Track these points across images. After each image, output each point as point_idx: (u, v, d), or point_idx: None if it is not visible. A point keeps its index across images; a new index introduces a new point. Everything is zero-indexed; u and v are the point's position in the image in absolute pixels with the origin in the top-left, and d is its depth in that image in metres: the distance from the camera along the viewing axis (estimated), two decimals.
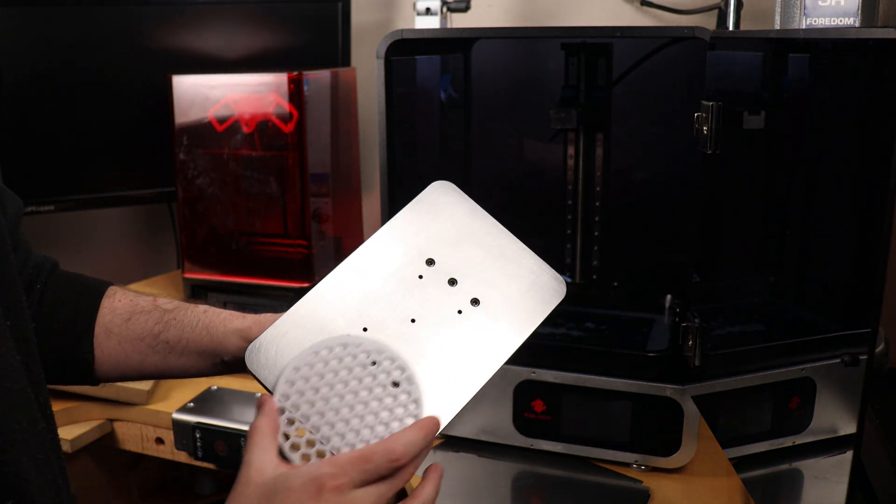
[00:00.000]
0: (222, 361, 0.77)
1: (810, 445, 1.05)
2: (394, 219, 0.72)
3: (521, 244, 0.72)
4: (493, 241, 0.71)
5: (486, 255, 0.71)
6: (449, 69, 1.22)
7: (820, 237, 1.14)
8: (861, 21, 0.99)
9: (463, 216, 0.72)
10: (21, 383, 0.58)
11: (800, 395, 1.03)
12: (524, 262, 0.71)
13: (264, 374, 0.65)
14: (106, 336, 0.78)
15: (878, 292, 0.95)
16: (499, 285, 0.69)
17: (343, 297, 0.68)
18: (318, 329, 0.66)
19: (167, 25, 1.46)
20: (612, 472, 1.03)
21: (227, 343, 0.75)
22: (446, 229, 0.71)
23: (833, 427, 1.05)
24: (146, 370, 0.79)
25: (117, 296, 0.80)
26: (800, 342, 1.04)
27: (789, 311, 1.17)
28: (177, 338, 0.77)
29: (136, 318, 0.78)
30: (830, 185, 1.12)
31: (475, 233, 0.72)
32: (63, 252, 1.74)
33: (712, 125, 0.91)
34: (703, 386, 0.99)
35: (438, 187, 0.74)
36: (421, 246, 0.70)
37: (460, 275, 0.69)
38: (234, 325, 0.76)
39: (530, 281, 0.70)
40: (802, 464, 1.04)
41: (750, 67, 1.13)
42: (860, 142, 1.05)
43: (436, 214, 0.72)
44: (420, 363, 0.65)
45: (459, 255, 0.70)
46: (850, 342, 1.02)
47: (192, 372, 0.79)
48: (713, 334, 1.06)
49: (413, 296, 0.68)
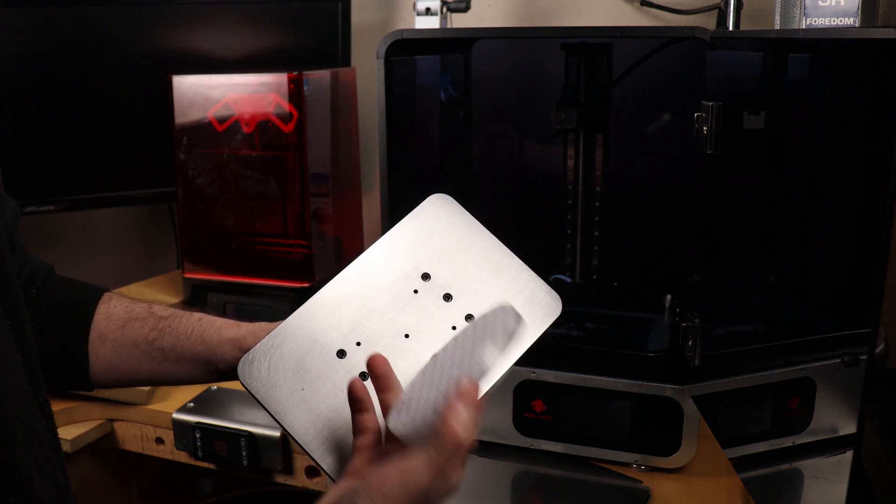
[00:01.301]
0: (217, 370, 0.77)
1: (810, 445, 1.05)
2: (390, 232, 0.72)
3: (518, 260, 0.72)
4: (489, 257, 0.71)
5: (481, 270, 0.70)
6: (449, 69, 1.22)
7: (820, 237, 1.14)
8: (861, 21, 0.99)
9: (459, 230, 0.72)
10: (21, 382, 0.58)
11: (800, 395, 1.03)
12: (520, 279, 0.71)
13: (256, 386, 0.64)
14: (101, 341, 0.78)
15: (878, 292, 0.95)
16: (494, 302, 0.68)
17: (337, 310, 0.68)
18: (312, 341, 0.66)
19: (167, 25, 1.46)
20: (612, 472, 1.03)
21: (222, 352, 0.76)
22: (442, 243, 0.71)
23: (833, 427, 1.05)
24: (141, 377, 0.79)
25: (113, 302, 0.80)
26: (800, 342, 1.04)
27: (789, 311, 1.17)
28: (171, 345, 0.77)
29: (131, 325, 0.78)
30: (830, 185, 1.12)
31: (471, 248, 0.71)
32: (63, 252, 1.75)
33: (712, 125, 0.91)
34: (703, 386, 0.99)
35: (436, 200, 0.73)
36: (416, 260, 0.70)
37: (455, 290, 0.69)
38: (229, 333, 0.76)
39: (526, 298, 0.70)
40: (802, 464, 1.04)
41: (750, 67, 1.13)
42: (860, 141, 1.05)
43: (432, 228, 0.71)
44: (413, 378, 0.65)
45: (455, 270, 0.70)
46: (850, 342, 1.02)
47: (187, 379, 0.79)
48: (713, 334, 1.06)
49: (407, 310, 0.68)
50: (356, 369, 0.65)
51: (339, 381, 0.65)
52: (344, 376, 0.65)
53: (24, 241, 0.79)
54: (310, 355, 0.66)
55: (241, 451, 1.15)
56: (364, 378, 0.64)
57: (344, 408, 0.63)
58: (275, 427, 1.15)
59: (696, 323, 0.96)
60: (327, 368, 0.65)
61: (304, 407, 0.64)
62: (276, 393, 0.64)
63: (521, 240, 0.73)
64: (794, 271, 1.18)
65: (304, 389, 0.64)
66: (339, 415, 0.64)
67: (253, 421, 1.16)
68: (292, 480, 1.18)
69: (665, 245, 1.22)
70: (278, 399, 0.64)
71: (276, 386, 0.64)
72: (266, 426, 1.15)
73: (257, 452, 1.15)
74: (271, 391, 0.64)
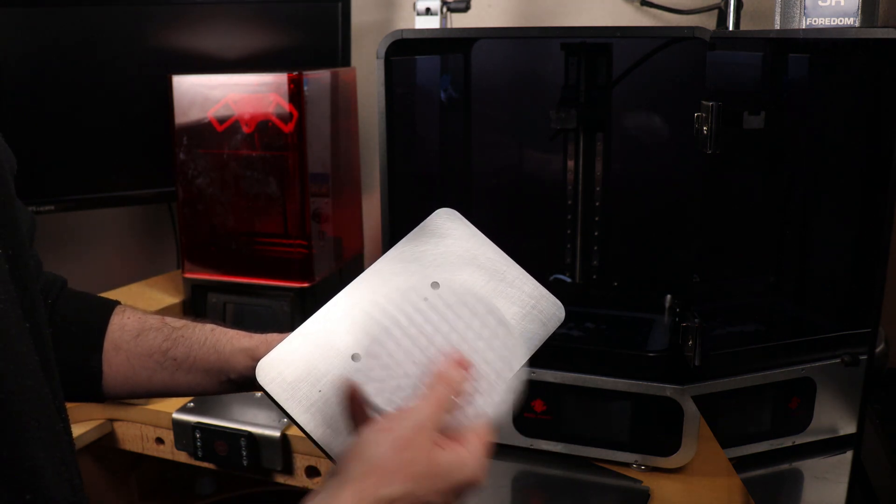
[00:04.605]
0: (229, 380, 0.78)
1: (810, 445, 1.05)
2: (400, 243, 0.74)
3: (522, 270, 0.75)
4: (494, 267, 0.74)
5: (488, 279, 0.73)
6: (449, 69, 1.22)
7: (820, 237, 1.14)
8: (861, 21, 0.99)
9: (465, 242, 0.75)
10: (39, 383, 0.59)
11: (800, 395, 1.03)
12: (525, 288, 0.74)
13: (275, 389, 0.66)
14: (115, 352, 0.79)
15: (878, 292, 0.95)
16: (500, 309, 0.71)
17: (351, 316, 0.69)
18: (328, 345, 0.68)
19: (167, 25, 1.46)
20: (612, 472, 1.03)
21: (235, 361, 0.77)
22: (450, 254, 0.74)
23: (833, 427, 1.05)
24: (154, 386, 0.80)
25: (126, 313, 0.81)
26: (800, 342, 1.04)
27: (789, 311, 1.17)
28: (185, 355, 0.78)
29: (144, 335, 0.79)
30: (830, 185, 1.12)
31: (478, 258, 0.74)
32: (63, 252, 1.75)
33: (712, 125, 0.91)
34: (703, 386, 0.99)
35: (443, 214, 0.76)
36: (426, 270, 0.72)
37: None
38: (242, 343, 0.77)
39: (531, 305, 0.73)
40: (802, 464, 1.04)
41: (750, 67, 1.13)
42: (860, 141, 1.05)
43: (440, 239, 0.75)
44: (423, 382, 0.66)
45: (463, 279, 0.72)
46: (850, 342, 1.02)
47: (199, 390, 0.80)
48: (713, 334, 1.06)
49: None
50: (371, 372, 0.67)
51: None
52: (359, 379, 0.66)
53: None
54: (326, 359, 0.67)
55: (241, 451, 1.15)
56: None
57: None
58: (275, 427, 1.15)
59: (696, 323, 0.96)
60: (343, 371, 0.67)
61: (321, 409, 0.66)
62: (294, 395, 0.66)
63: (521, 240, 0.74)
64: (794, 271, 1.18)
65: (322, 391, 0.66)
66: None
67: (253, 421, 1.16)
68: (292, 480, 1.18)
69: (665, 245, 1.22)
70: (296, 401, 0.66)
71: (294, 388, 0.66)
72: (266, 426, 1.15)
73: (257, 452, 1.15)
74: (289, 393, 0.66)
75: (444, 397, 0.60)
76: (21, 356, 0.57)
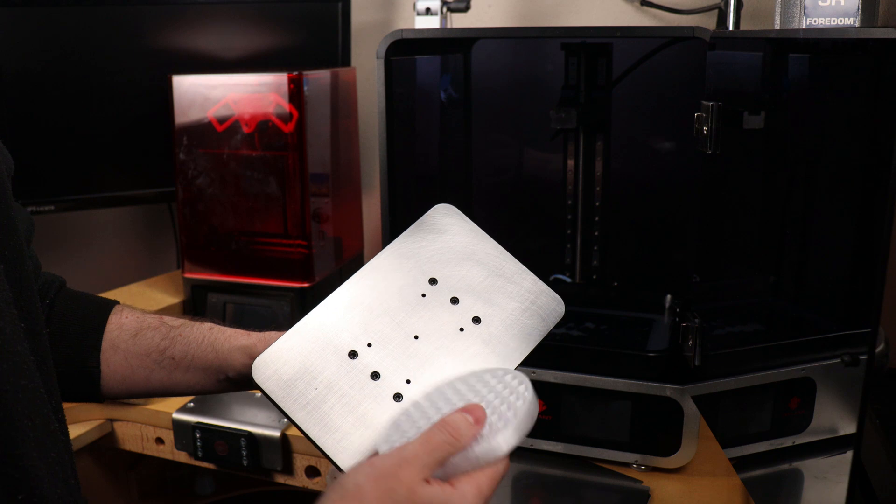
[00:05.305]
0: (227, 378, 0.78)
1: (810, 445, 1.05)
2: (397, 240, 0.74)
3: (521, 265, 0.74)
4: (493, 262, 0.74)
5: (487, 275, 0.73)
6: (449, 69, 1.22)
7: (820, 237, 1.14)
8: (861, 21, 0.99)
9: (463, 237, 0.74)
10: (35, 383, 0.59)
11: (800, 395, 1.03)
12: (524, 283, 0.73)
13: (271, 387, 0.66)
14: (113, 351, 0.79)
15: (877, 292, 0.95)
16: (499, 304, 0.71)
17: (348, 312, 0.69)
18: (325, 342, 0.68)
19: (167, 25, 1.46)
20: (612, 472, 1.03)
21: (232, 360, 0.77)
22: (448, 250, 0.73)
23: (833, 427, 1.05)
24: (152, 386, 0.80)
25: (124, 313, 0.81)
26: (800, 342, 1.04)
27: (789, 311, 1.17)
28: (182, 353, 0.78)
29: (142, 334, 0.79)
30: (830, 185, 1.12)
31: (476, 253, 0.74)
32: (63, 252, 1.75)
33: (712, 125, 0.91)
34: (703, 386, 0.99)
35: (441, 209, 0.76)
36: (424, 265, 0.72)
37: (462, 294, 0.71)
38: (239, 342, 0.77)
39: (530, 301, 0.72)
40: (802, 464, 1.04)
41: (750, 67, 1.13)
42: (860, 142, 1.05)
43: (438, 235, 0.74)
44: (423, 378, 0.67)
45: (461, 274, 0.72)
46: (850, 342, 1.02)
47: (197, 388, 0.80)
48: (713, 334, 1.06)
49: (416, 313, 0.70)
50: (368, 369, 0.67)
51: (351, 380, 0.66)
52: (356, 376, 0.67)
53: None
54: (323, 356, 0.67)
55: (241, 450, 1.15)
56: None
57: (356, 407, 0.65)
58: (275, 427, 1.15)
59: (696, 323, 0.96)
60: (340, 369, 0.67)
61: (317, 406, 0.66)
62: (290, 393, 0.66)
63: (521, 240, 0.74)
64: (793, 271, 1.18)
65: (318, 389, 0.66)
66: (353, 413, 0.65)
67: (253, 421, 1.16)
68: (292, 480, 1.18)
69: (665, 245, 1.22)
70: (293, 399, 0.66)
71: (291, 386, 0.66)
72: (266, 426, 1.15)
73: (257, 452, 1.15)
74: (286, 391, 0.66)
75: (439, 441, 0.58)
76: (16, 355, 0.57)
